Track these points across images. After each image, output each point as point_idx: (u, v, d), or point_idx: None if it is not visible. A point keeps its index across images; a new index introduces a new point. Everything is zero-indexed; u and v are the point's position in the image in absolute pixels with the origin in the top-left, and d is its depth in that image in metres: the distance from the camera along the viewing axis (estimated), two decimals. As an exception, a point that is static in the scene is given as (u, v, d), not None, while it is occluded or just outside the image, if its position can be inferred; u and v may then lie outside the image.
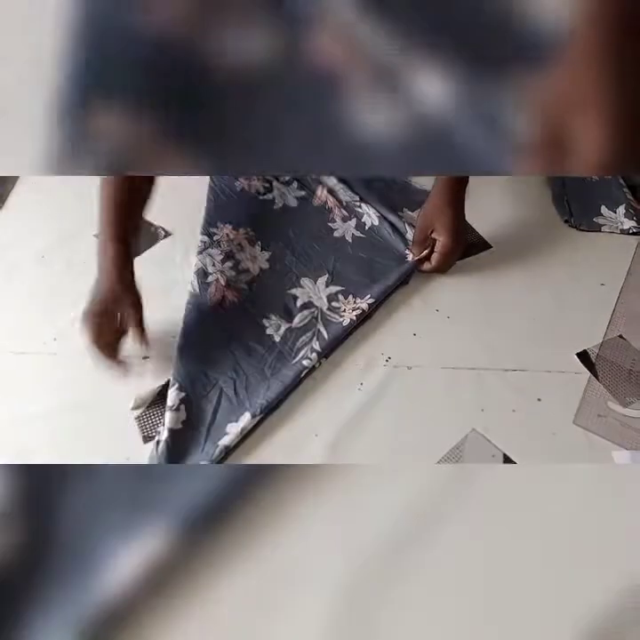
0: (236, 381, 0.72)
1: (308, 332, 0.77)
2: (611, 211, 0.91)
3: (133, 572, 0.41)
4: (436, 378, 0.74)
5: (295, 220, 0.91)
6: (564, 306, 0.80)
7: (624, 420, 0.69)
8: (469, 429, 0.69)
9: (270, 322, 0.78)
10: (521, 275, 0.84)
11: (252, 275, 0.83)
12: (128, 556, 0.42)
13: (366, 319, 0.79)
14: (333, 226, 0.90)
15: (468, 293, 0.82)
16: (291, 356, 0.74)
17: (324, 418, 0.70)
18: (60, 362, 0.75)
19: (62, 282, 0.83)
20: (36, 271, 0.85)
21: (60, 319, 0.79)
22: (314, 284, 0.82)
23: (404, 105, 0.42)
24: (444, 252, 0.81)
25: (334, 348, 0.76)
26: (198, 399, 0.71)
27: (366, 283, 0.82)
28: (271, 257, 0.86)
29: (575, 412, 0.70)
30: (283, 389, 0.71)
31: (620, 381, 0.73)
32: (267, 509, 0.44)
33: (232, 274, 0.83)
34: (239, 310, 0.79)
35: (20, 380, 0.74)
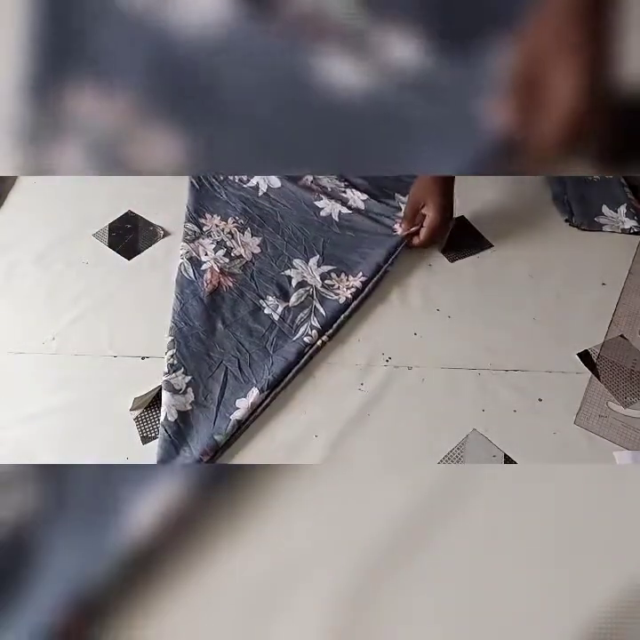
0: (239, 359, 0.74)
1: (305, 310, 0.79)
2: (612, 210, 0.91)
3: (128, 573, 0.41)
4: (436, 378, 0.73)
5: (281, 203, 0.92)
6: (565, 306, 0.80)
7: (625, 421, 0.69)
8: (470, 429, 0.69)
9: (268, 302, 0.80)
10: (522, 274, 0.84)
11: (246, 260, 0.85)
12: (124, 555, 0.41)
13: (361, 297, 0.80)
14: (319, 204, 0.91)
15: (468, 293, 0.82)
16: (291, 333, 0.77)
17: (324, 418, 0.70)
18: (59, 362, 0.75)
19: (62, 282, 0.83)
20: (35, 271, 0.85)
21: (60, 319, 0.79)
22: (306, 265, 0.84)
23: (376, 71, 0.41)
24: (432, 227, 0.84)
25: (333, 325, 0.77)
26: (204, 380, 0.72)
27: (356, 260, 0.84)
28: (262, 242, 0.87)
29: (576, 413, 0.70)
30: (286, 365, 0.73)
31: (622, 381, 0.72)
32: (266, 509, 0.43)
33: (225, 261, 0.84)
34: (236, 294, 0.81)
35: (19, 380, 0.73)
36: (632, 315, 0.79)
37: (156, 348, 0.75)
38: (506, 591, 0.41)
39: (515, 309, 0.80)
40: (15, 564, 0.41)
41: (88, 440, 0.68)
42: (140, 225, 0.90)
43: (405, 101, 0.42)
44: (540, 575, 0.41)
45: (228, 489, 0.44)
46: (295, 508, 0.43)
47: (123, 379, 0.73)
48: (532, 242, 0.88)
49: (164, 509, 0.42)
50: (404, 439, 0.68)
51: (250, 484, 0.44)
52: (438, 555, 0.42)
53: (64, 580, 0.41)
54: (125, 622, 0.40)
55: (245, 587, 0.42)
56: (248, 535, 0.43)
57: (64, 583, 0.41)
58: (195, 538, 0.42)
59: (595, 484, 0.44)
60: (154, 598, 0.41)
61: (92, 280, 0.84)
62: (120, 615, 0.40)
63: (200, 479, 0.44)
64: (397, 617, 0.41)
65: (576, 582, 0.41)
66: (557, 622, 0.40)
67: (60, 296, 0.82)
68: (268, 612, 0.41)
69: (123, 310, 0.80)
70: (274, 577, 0.42)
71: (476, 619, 0.41)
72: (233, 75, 0.42)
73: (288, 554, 0.42)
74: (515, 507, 0.43)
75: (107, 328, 0.78)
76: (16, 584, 0.41)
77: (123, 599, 0.41)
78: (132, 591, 0.41)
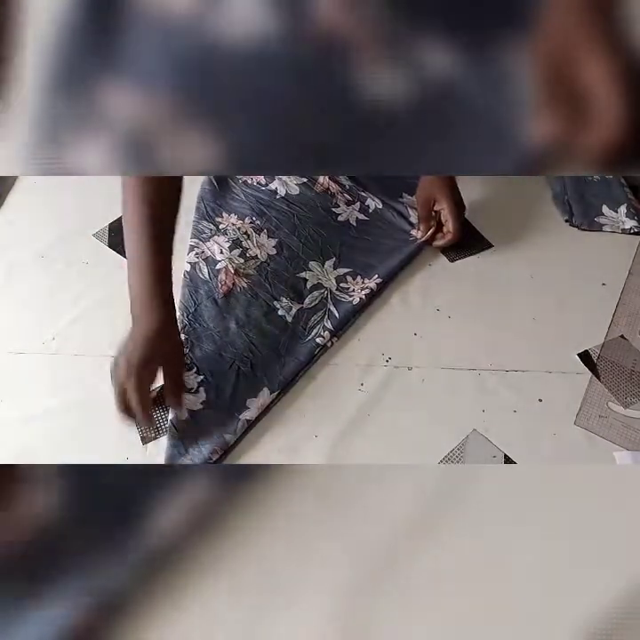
0: (252, 360, 0.74)
1: (318, 312, 0.79)
2: (612, 210, 0.91)
3: (130, 571, 0.41)
4: (436, 378, 0.73)
5: (299, 207, 0.92)
6: (565, 306, 0.80)
7: (625, 421, 0.69)
8: (470, 430, 0.69)
9: (281, 304, 0.80)
10: (522, 274, 0.84)
11: (260, 261, 0.85)
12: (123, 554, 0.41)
13: (376, 298, 0.81)
14: (337, 210, 0.91)
15: (468, 293, 0.82)
16: (304, 335, 0.76)
17: (324, 418, 0.70)
18: (59, 362, 0.75)
19: (62, 282, 0.83)
20: (35, 271, 0.85)
21: (60, 319, 0.79)
22: (322, 267, 0.84)
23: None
24: (455, 226, 0.82)
25: (344, 326, 0.78)
26: (216, 379, 0.72)
27: (373, 264, 0.84)
28: (278, 244, 0.87)
29: (576, 413, 0.70)
30: (298, 366, 0.73)
31: (622, 382, 0.72)
32: (266, 509, 0.43)
33: (240, 261, 0.84)
34: (250, 295, 0.81)
35: (19, 380, 0.74)
36: (632, 315, 0.79)
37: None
38: (506, 591, 0.41)
39: (515, 309, 0.80)
40: (39, 563, 0.41)
41: (88, 440, 0.68)
42: (141, 225, 0.90)
43: (442, 105, 0.42)
44: (539, 575, 0.41)
45: (230, 489, 0.44)
46: (295, 508, 0.43)
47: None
48: (532, 242, 0.88)
49: (184, 510, 0.42)
50: (404, 439, 0.68)
51: (249, 484, 0.44)
52: (438, 555, 0.42)
53: (86, 579, 0.41)
54: (143, 623, 0.40)
55: (245, 587, 0.42)
56: (247, 535, 0.43)
57: (86, 583, 0.41)
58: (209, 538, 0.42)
59: (595, 484, 0.44)
60: (171, 599, 0.41)
61: (92, 280, 0.84)
62: (139, 615, 0.40)
63: (199, 479, 0.44)
64: (398, 617, 0.41)
65: (576, 582, 0.41)
66: (557, 622, 0.40)
67: (59, 296, 0.82)
68: (268, 611, 0.41)
69: (123, 310, 0.80)
70: (274, 577, 0.42)
71: (477, 619, 0.41)
72: (269, 78, 0.42)
73: (288, 554, 0.42)
74: (515, 507, 0.43)
75: (107, 328, 0.78)
76: (40, 583, 0.41)
77: (143, 599, 0.41)
78: (151, 591, 0.41)
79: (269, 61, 0.41)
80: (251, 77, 0.42)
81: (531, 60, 0.41)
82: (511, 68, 0.41)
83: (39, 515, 0.42)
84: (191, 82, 0.42)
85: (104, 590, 0.41)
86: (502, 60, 0.41)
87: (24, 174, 0.93)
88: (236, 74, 0.42)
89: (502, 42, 0.41)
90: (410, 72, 0.41)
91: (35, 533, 0.42)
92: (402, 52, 0.41)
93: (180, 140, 0.43)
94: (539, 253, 0.86)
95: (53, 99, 0.42)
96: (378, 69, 0.41)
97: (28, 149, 0.43)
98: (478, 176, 0.93)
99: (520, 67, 0.41)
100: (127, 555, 0.42)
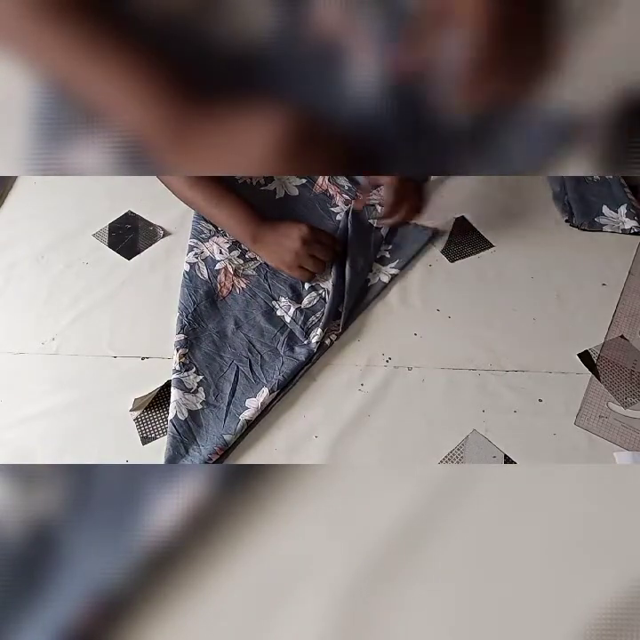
0: (251, 360, 0.74)
1: (317, 313, 0.79)
2: (612, 210, 0.91)
3: (130, 571, 0.41)
4: (436, 378, 0.73)
5: (297, 208, 0.92)
6: (565, 306, 0.80)
7: (625, 421, 0.69)
8: (470, 430, 0.69)
9: (280, 304, 0.80)
10: (522, 274, 0.84)
11: (259, 262, 0.84)
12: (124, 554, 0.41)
13: (376, 298, 0.82)
14: (335, 210, 0.91)
15: (468, 293, 0.82)
16: (303, 335, 0.76)
17: (324, 418, 0.70)
18: (59, 362, 0.75)
19: (62, 282, 0.83)
20: (35, 271, 0.85)
21: (60, 319, 0.79)
22: None
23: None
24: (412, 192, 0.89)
25: (345, 326, 0.78)
26: (216, 380, 0.73)
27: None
28: None
29: (576, 413, 0.70)
30: (297, 366, 0.73)
31: (622, 382, 0.72)
32: (266, 509, 0.43)
33: (239, 262, 0.84)
34: (249, 295, 0.81)
35: (19, 380, 0.73)
36: (632, 315, 0.79)
37: (157, 348, 0.75)
38: (506, 591, 0.41)
39: (515, 309, 0.80)
40: (40, 563, 0.41)
41: (88, 440, 0.68)
42: (140, 225, 0.90)
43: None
44: (539, 575, 0.41)
45: (230, 489, 0.44)
46: (295, 508, 0.43)
47: (123, 379, 0.73)
48: (532, 242, 0.87)
49: (184, 510, 0.42)
50: (404, 439, 0.68)
51: (249, 484, 0.44)
52: (438, 555, 0.42)
53: (87, 578, 0.41)
54: (144, 622, 0.40)
55: (245, 587, 0.42)
56: (247, 535, 0.43)
57: (87, 582, 0.41)
58: (209, 538, 0.42)
59: (595, 484, 0.44)
60: (171, 598, 0.41)
61: (92, 280, 0.84)
62: (139, 614, 0.40)
63: (199, 479, 0.44)
64: (398, 617, 0.41)
65: (576, 582, 0.41)
66: (557, 622, 0.40)
67: (59, 296, 0.82)
68: (269, 611, 0.41)
69: (123, 310, 0.80)
70: (274, 577, 0.42)
71: (476, 618, 0.41)
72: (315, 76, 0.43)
73: (288, 554, 0.42)
74: (515, 507, 0.43)
75: (107, 328, 0.78)
76: (40, 582, 0.41)
77: (143, 599, 0.41)
78: (151, 591, 0.41)
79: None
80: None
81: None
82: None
83: (39, 514, 0.42)
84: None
85: (104, 590, 0.41)
86: None
87: (24, 174, 0.93)
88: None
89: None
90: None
91: (35, 533, 0.42)
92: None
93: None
94: (539, 253, 0.86)
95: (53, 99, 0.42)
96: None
97: (28, 149, 0.43)
98: (478, 177, 0.93)
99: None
100: (127, 555, 0.42)
